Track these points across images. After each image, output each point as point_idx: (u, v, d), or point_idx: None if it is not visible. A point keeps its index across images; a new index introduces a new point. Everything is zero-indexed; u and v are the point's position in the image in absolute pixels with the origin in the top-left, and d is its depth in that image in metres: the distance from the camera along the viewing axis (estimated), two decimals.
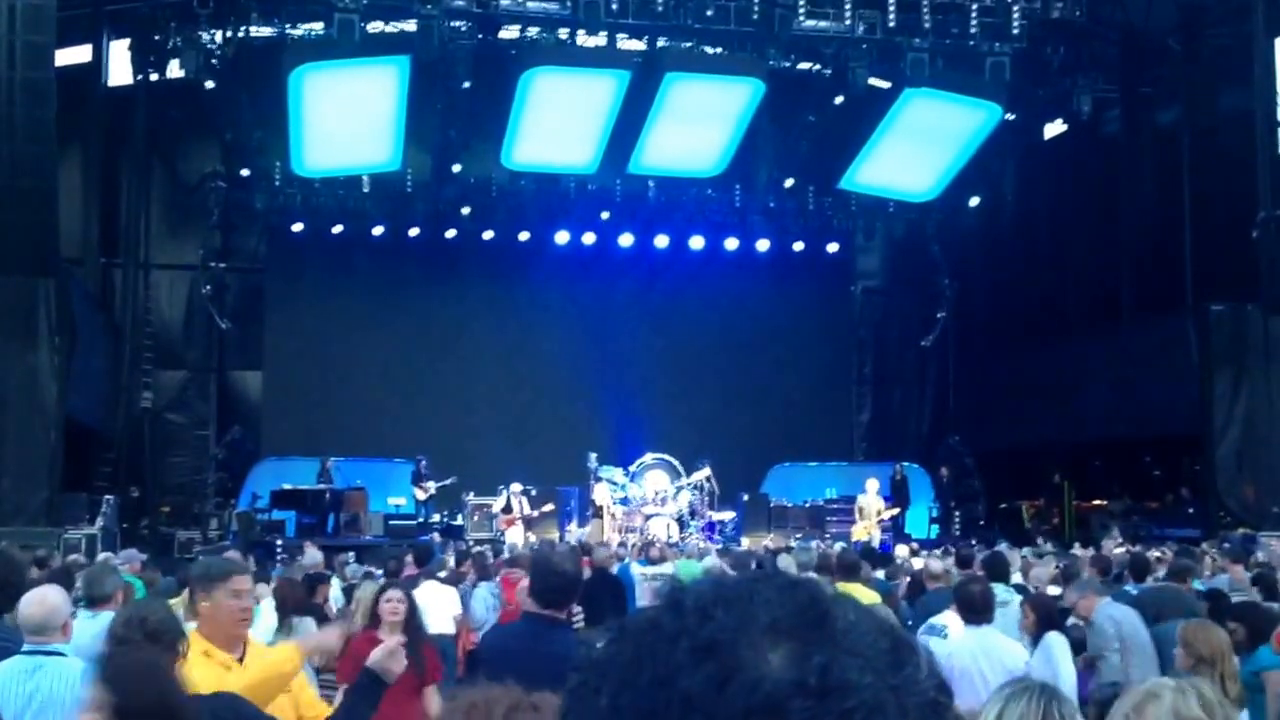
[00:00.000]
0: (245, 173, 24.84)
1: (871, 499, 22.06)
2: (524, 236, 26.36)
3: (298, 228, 25.56)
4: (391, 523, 21.46)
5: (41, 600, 4.99)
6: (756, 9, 20.83)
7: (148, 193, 24.61)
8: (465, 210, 25.73)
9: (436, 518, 22.66)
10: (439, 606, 10.72)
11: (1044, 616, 7.09)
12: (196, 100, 22.89)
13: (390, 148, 22.98)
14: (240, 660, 4.50)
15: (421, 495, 22.65)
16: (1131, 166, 23.42)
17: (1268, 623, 6.52)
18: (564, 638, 4.82)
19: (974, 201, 26.48)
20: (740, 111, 22.45)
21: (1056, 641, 6.75)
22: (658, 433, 24.63)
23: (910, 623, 9.05)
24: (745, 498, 23.26)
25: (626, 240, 26.91)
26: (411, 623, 6.99)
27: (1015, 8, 21.14)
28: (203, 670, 4.27)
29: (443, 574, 12.71)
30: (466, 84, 22.11)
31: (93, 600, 6.62)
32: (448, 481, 22.64)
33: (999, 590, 7.87)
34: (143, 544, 18.70)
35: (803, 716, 0.85)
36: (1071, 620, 8.12)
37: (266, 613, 8.16)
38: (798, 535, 21.19)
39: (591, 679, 0.93)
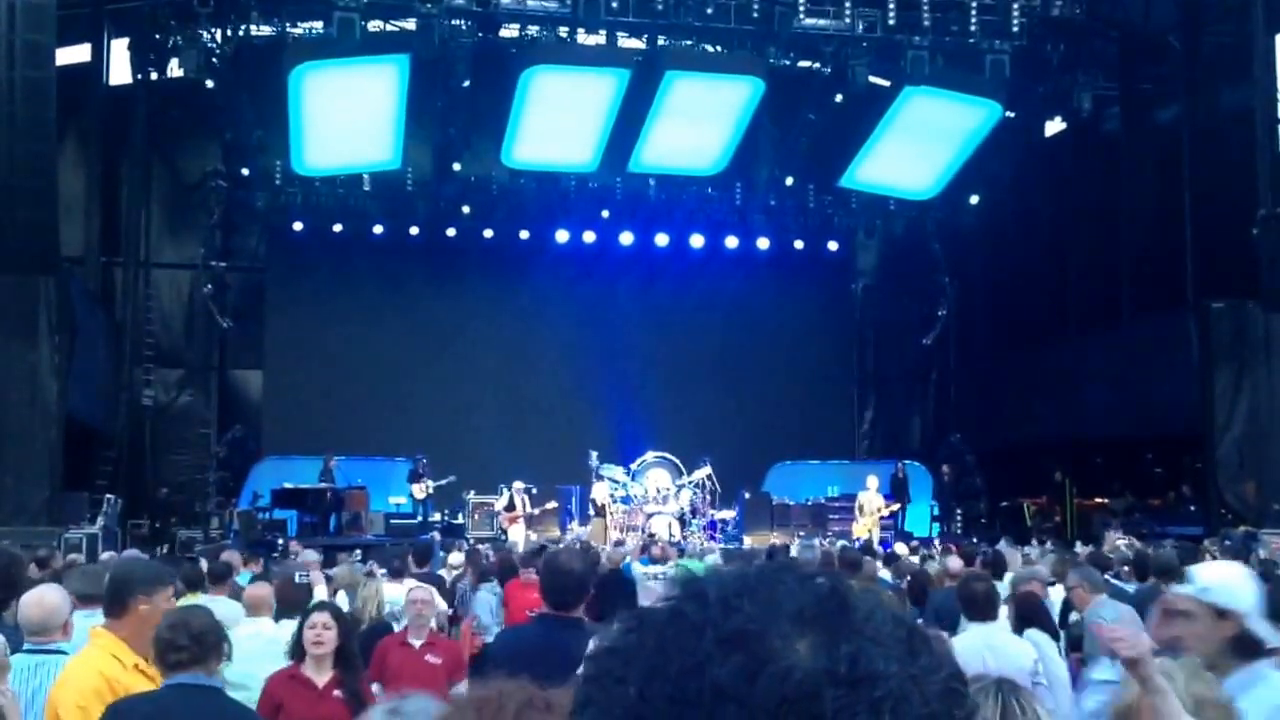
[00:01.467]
0: (245, 172, 24.86)
1: (872, 496, 22.07)
2: (524, 235, 26.37)
3: (298, 227, 25.57)
4: (392, 522, 21.49)
5: (39, 601, 4.99)
6: (756, 7, 20.82)
7: (148, 192, 24.63)
8: (465, 209, 25.76)
9: (437, 516, 22.66)
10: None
11: (1024, 614, 7.11)
12: (196, 99, 22.90)
13: (390, 146, 22.98)
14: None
15: (419, 494, 22.64)
16: (1131, 164, 23.39)
17: None
18: (578, 635, 4.57)
19: (974, 200, 26.46)
20: (740, 110, 22.43)
21: (1039, 639, 6.76)
22: (658, 431, 24.60)
23: (918, 623, 9.04)
24: (747, 496, 23.22)
25: (627, 239, 26.90)
26: (344, 654, 6.01)
27: (1015, 6, 21.11)
28: (120, 671, 4.28)
29: (442, 571, 12.73)
30: (466, 83, 22.09)
31: (93, 599, 6.58)
32: (445, 481, 22.62)
33: (1002, 589, 7.87)
34: (144, 544, 18.74)
35: (836, 705, 0.86)
36: (1075, 617, 8.11)
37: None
38: (800, 533, 21.18)
39: (615, 668, 0.92)
